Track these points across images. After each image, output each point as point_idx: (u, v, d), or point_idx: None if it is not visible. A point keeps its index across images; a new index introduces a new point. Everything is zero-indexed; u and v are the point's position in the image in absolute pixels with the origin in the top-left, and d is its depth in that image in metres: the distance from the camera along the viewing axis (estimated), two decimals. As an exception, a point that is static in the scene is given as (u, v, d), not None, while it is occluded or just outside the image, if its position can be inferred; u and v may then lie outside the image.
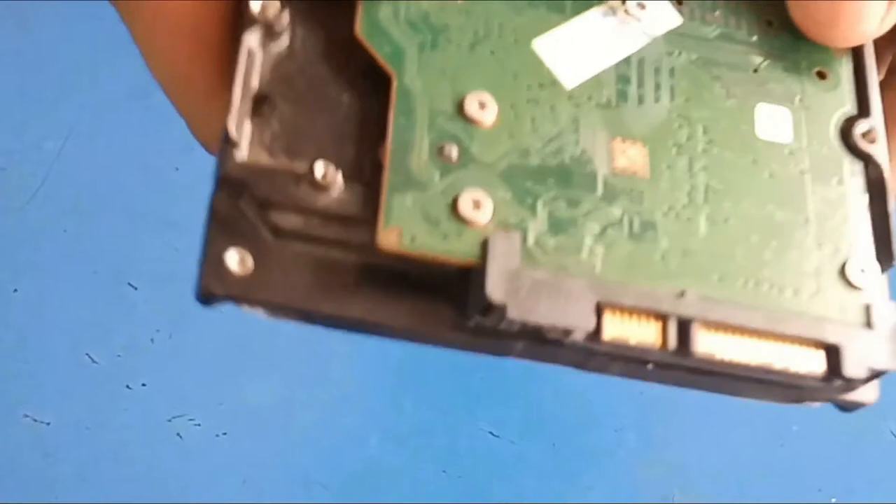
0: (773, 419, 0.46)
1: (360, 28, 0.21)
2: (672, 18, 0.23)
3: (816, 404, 0.21)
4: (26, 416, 0.44)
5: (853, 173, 0.22)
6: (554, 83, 0.22)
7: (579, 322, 0.19)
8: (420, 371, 0.46)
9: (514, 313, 0.19)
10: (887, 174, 0.22)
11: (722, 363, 0.20)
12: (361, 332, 0.19)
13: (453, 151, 0.20)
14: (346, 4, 0.21)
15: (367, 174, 0.20)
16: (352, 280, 0.19)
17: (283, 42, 0.21)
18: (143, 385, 0.44)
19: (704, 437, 0.46)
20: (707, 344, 0.20)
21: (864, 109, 0.23)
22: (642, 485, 0.46)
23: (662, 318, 0.20)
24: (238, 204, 0.19)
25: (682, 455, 0.46)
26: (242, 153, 0.19)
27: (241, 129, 0.19)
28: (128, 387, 0.44)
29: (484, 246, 0.20)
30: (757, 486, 0.45)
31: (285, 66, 0.21)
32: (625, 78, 0.22)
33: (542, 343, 0.20)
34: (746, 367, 0.20)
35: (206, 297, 0.18)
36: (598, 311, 0.20)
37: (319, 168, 0.19)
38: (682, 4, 0.23)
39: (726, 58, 0.23)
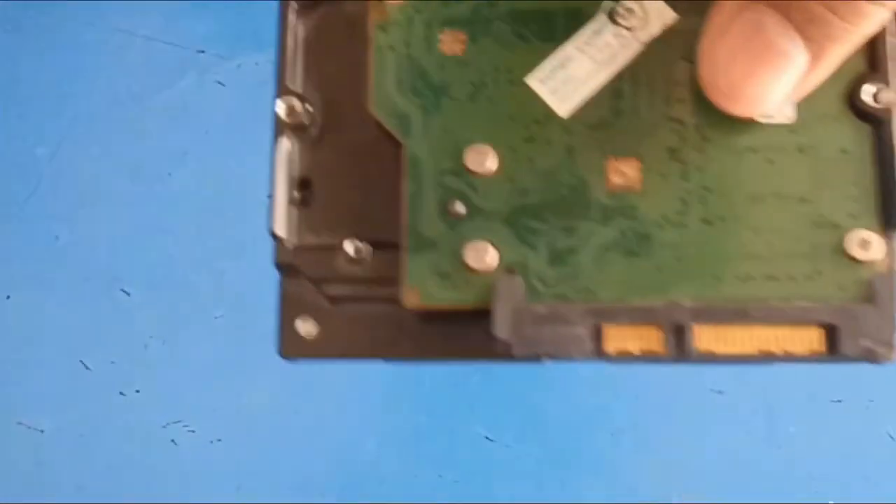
0: (769, 421, 0.46)
1: (372, 104, 0.23)
2: (665, 15, 0.23)
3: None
4: (20, 423, 0.44)
5: (859, 139, 0.22)
6: (549, 116, 0.23)
7: (579, 347, 0.21)
8: (416, 375, 0.46)
9: (519, 350, 0.21)
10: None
11: (723, 357, 0.21)
12: (415, 364, 0.23)
13: (460, 206, 0.22)
14: (362, 85, 0.23)
15: (395, 233, 0.22)
16: (398, 326, 0.23)
17: (314, 131, 0.23)
18: (137, 391, 0.44)
19: (701, 440, 0.46)
20: (706, 342, 0.21)
21: (874, 65, 0.22)
22: (639, 487, 0.46)
23: (660, 326, 0.21)
24: (298, 281, 0.23)
25: (678, 457, 0.46)
26: (292, 241, 0.23)
27: (287, 223, 0.23)
28: (122, 393, 0.44)
29: (491, 290, 0.22)
30: (754, 487, 0.45)
31: (318, 150, 0.24)
32: (618, 93, 0.23)
33: None
34: (748, 357, 0.21)
35: (286, 359, 0.23)
36: (598, 331, 0.21)
37: (350, 246, 0.23)
38: None
39: None
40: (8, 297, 0.45)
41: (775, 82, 0.21)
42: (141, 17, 0.46)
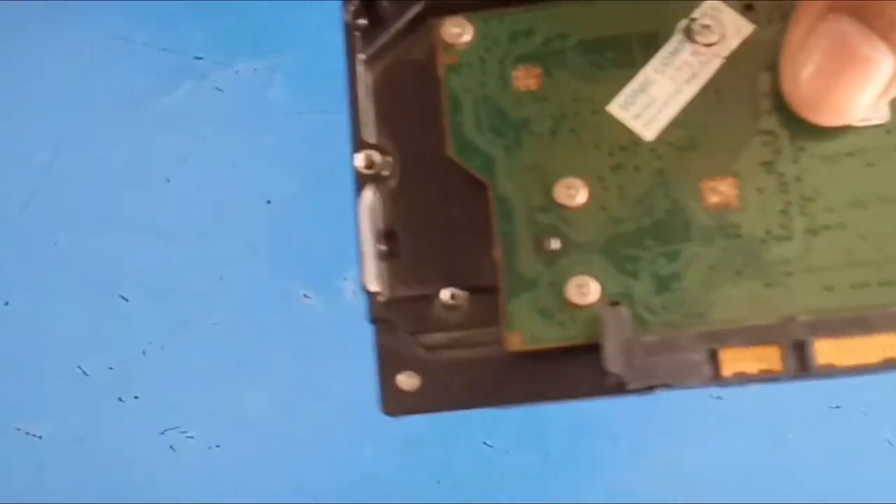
0: (769, 427, 0.46)
1: (451, 148, 0.23)
2: (742, 27, 0.23)
3: None
4: (18, 429, 0.44)
5: None
6: (635, 142, 0.22)
7: (695, 374, 0.21)
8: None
9: (634, 383, 0.21)
10: None
11: (846, 369, 0.21)
12: (523, 406, 0.22)
13: (554, 243, 0.22)
14: (438, 130, 0.23)
15: (489, 276, 0.22)
16: (502, 369, 0.22)
17: (393, 181, 0.23)
18: (136, 397, 0.44)
19: (700, 446, 0.46)
20: (828, 356, 0.20)
21: None
22: (638, 492, 0.46)
23: (779, 345, 0.21)
24: (394, 334, 0.23)
25: (677, 463, 0.46)
26: (383, 296, 0.23)
27: (378, 277, 0.23)
28: (120, 399, 0.44)
29: (597, 323, 0.21)
30: (753, 493, 0.45)
31: (400, 200, 0.24)
32: (704, 110, 0.22)
33: None
34: (870, 367, 0.20)
35: (390, 416, 0.23)
36: (714, 355, 0.21)
37: (446, 294, 0.22)
38: (751, 11, 0.23)
39: None
40: (6, 302, 0.45)
41: (862, 90, 0.20)
42: (138, 23, 0.46)
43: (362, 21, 0.24)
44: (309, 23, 0.45)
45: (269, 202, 0.44)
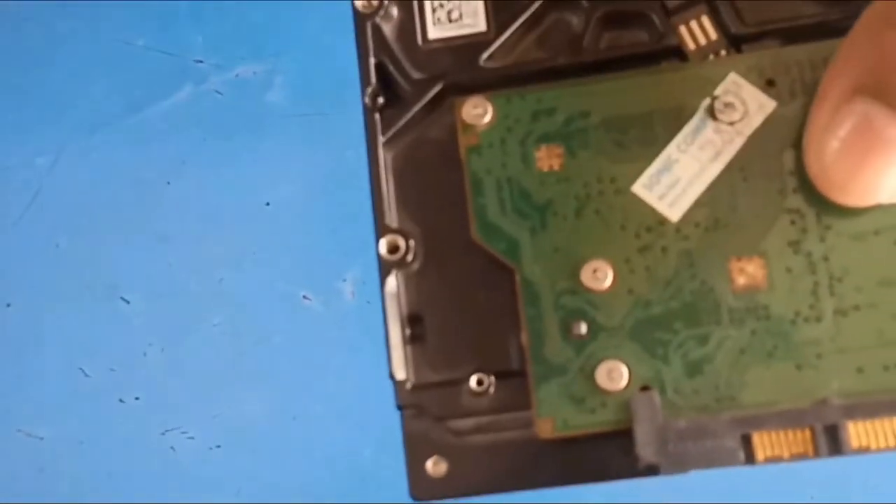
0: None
1: (475, 231, 0.22)
2: (764, 105, 0.22)
3: None
4: (20, 430, 0.44)
5: None
6: (661, 222, 0.22)
7: (729, 459, 0.20)
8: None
9: (668, 469, 0.21)
10: None
11: (878, 450, 0.20)
12: (554, 488, 0.22)
13: (582, 327, 0.22)
14: (460, 211, 0.22)
15: (517, 360, 0.22)
16: (531, 453, 0.22)
17: (417, 265, 0.23)
18: (137, 399, 0.44)
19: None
20: (861, 438, 0.20)
21: None
22: (637, 494, 0.46)
23: (811, 428, 0.20)
24: (421, 420, 0.23)
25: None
26: (410, 381, 0.23)
27: (405, 363, 0.23)
28: (121, 400, 0.44)
29: (628, 408, 0.21)
30: (753, 493, 0.45)
31: (425, 284, 0.23)
32: (729, 189, 0.22)
33: None
34: None
35: (419, 500, 0.23)
36: (747, 440, 0.20)
37: (474, 381, 0.22)
38: (772, 86, 0.22)
39: None
40: (8, 305, 0.45)
41: (887, 171, 0.20)
42: (139, 27, 0.46)
43: (381, 101, 0.24)
44: (308, 26, 0.45)
45: (268, 204, 0.45)
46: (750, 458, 0.21)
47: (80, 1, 0.47)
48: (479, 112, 0.23)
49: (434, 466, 0.23)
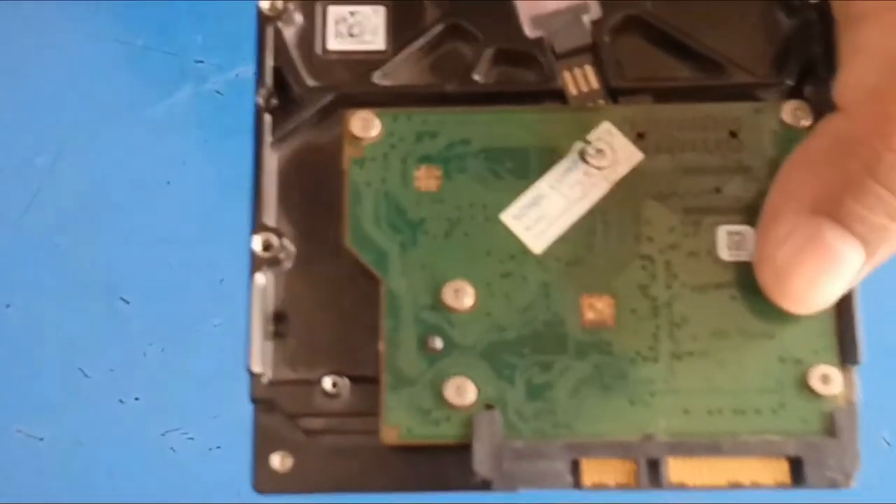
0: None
1: (349, 239, 0.23)
2: (632, 156, 0.23)
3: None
4: (19, 431, 0.44)
5: None
6: (524, 252, 0.23)
7: (557, 481, 0.22)
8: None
9: (499, 485, 0.22)
10: None
11: (694, 487, 0.22)
12: (391, 496, 0.23)
13: (437, 342, 0.23)
14: (337, 219, 0.23)
15: (372, 367, 0.23)
16: (375, 459, 0.23)
17: (289, 264, 0.24)
18: (137, 399, 0.44)
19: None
20: (679, 474, 0.22)
21: None
22: (637, 495, 0.46)
23: (635, 461, 0.22)
24: (274, 415, 0.23)
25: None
26: (267, 376, 0.24)
27: (264, 358, 0.24)
28: (121, 401, 0.44)
29: (470, 424, 0.22)
30: (752, 493, 0.45)
31: (294, 284, 0.24)
32: (590, 230, 0.23)
33: None
34: (717, 487, 0.22)
35: (260, 493, 0.23)
36: (576, 465, 0.22)
37: (328, 382, 0.23)
38: (642, 139, 0.24)
39: (688, 185, 0.23)
40: (8, 305, 0.45)
41: (839, 286, 0.22)
42: (139, 27, 0.46)
43: (274, 103, 0.24)
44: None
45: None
46: (577, 483, 0.22)
47: (80, 1, 0.47)
48: (366, 126, 0.24)
49: (280, 462, 0.23)
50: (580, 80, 0.24)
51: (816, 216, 0.22)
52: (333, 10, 0.25)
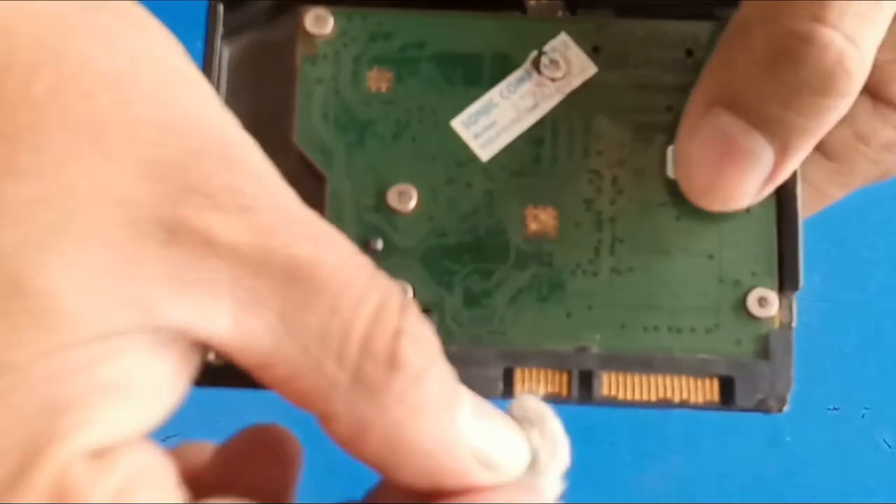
0: (766, 430, 0.46)
1: (296, 136, 0.23)
2: (586, 69, 0.24)
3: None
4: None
5: (765, 202, 0.23)
6: (471, 159, 0.23)
7: (490, 388, 0.22)
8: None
9: None
10: (800, 195, 0.23)
11: (624, 402, 0.22)
12: None
13: (378, 243, 0.23)
14: (286, 115, 0.23)
15: None
16: None
17: None
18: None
19: (698, 449, 0.46)
20: (611, 388, 0.22)
21: None
22: (637, 496, 0.46)
23: (568, 372, 0.22)
24: None
25: (676, 467, 0.46)
26: None
27: None
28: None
29: None
30: (752, 495, 0.46)
31: None
32: (538, 141, 0.23)
33: None
34: (647, 403, 0.22)
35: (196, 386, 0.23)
36: (509, 373, 0.22)
37: None
38: (597, 53, 0.24)
39: (640, 101, 0.23)
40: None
41: (745, 180, 0.22)
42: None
43: None
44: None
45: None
46: (508, 390, 0.22)
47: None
48: (320, 23, 0.24)
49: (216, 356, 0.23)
50: None
51: (717, 108, 0.21)
52: None
